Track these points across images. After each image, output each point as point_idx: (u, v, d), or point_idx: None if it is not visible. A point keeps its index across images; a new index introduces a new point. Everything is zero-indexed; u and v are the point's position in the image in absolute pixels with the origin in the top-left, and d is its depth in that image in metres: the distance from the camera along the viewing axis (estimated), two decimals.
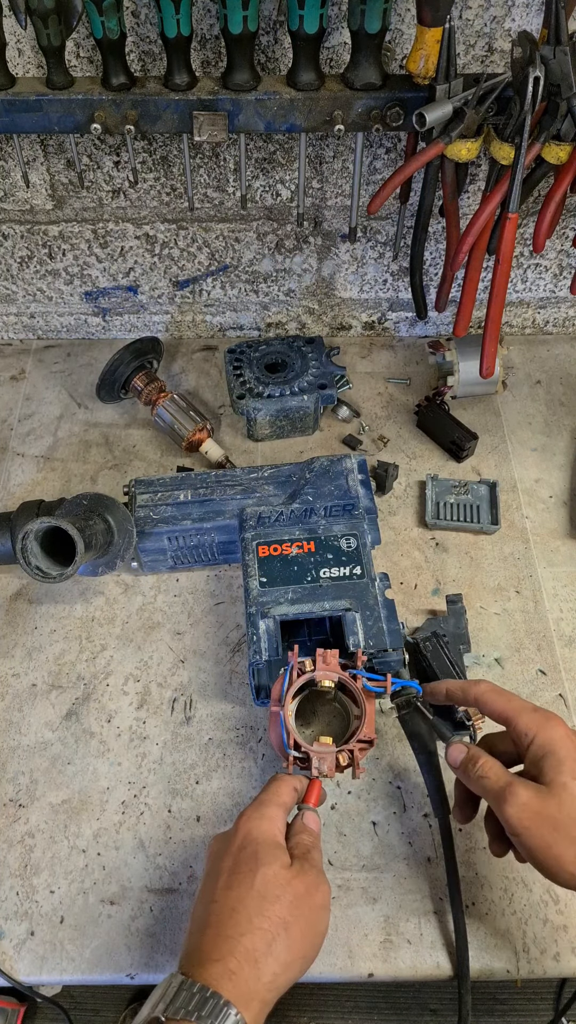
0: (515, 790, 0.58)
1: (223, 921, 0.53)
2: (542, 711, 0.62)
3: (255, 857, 0.56)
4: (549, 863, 0.56)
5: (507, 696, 0.64)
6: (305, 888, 0.56)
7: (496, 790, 0.59)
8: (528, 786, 0.58)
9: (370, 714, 0.68)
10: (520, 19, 0.83)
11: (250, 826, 0.59)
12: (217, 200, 1.00)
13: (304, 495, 0.87)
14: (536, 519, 0.97)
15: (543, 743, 0.59)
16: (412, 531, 0.96)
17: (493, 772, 0.60)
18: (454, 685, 0.68)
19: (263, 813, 0.59)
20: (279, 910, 0.54)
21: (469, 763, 0.62)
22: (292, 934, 0.54)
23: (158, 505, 0.88)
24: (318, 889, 0.57)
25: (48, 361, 1.16)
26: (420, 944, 0.69)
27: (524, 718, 0.61)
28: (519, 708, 0.62)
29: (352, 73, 0.81)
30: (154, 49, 0.86)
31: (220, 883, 0.56)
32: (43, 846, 0.74)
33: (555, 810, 0.56)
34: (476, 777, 0.61)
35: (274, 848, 0.57)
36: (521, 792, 0.57)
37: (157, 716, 0.82)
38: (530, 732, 0.60)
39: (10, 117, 0.83)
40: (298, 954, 0.54)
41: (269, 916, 0.53)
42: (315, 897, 0.56)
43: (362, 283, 1.10)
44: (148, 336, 1.04)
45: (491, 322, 0.89)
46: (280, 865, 0.56)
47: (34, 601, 0.91)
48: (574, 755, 0.58)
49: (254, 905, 0.54)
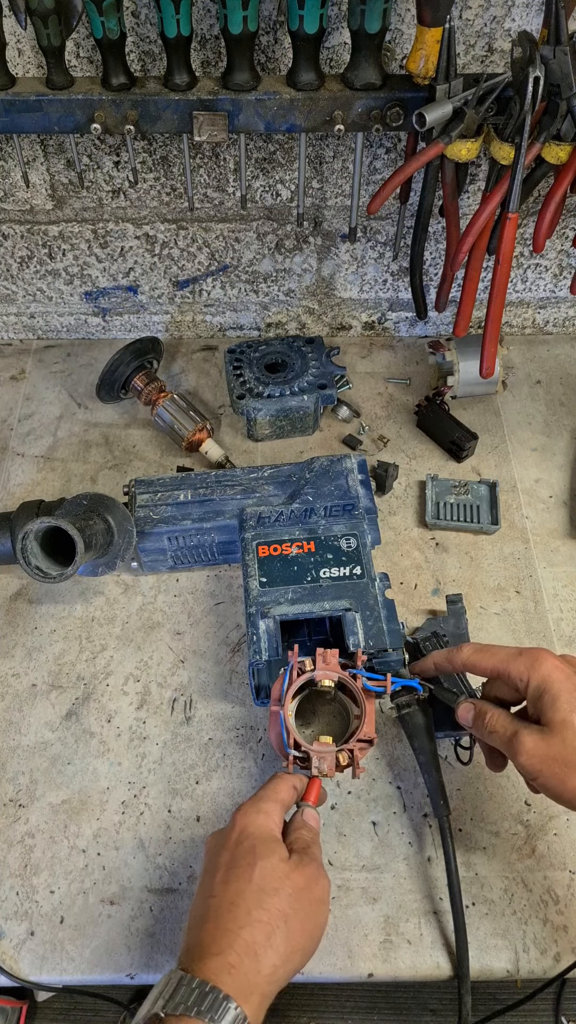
0: (521, 738, 0.59)
1: (222, 915, 0.53)
2: (528, 651, 0.62)
3: (252, 851, 0.56)
4: (569, 797, 0.58)
5: (491, 651, 0.65)
6: (304, 881, 0.56)
7: (504, 741, 0.61)
8: (532, 730, 0.59)
9: (370, 713, 0.68)
10: (520, 19, 0.83)
11: (247, 821, 0.58)
12: (217, 200, 1.00)
13: (304, 495, 0.87)
14: (536, 519, 0.97)
15: (537, 684, 0.60)
16: (412, 531, 0.96)
17: (500, 724, 0.62)
18: (439, 656, 0.69)
19: (260, 808, 0.59)
20: (278, 903, 0.54)
21: (478, 719, 0.64)
22: (291, 926, 0.54)
23: (158, 505, 0.88)
24: (317, 882, 0.57)
25: (48, 361, 1.16)
26: (420, 944, 0.69)
27: (513, 666, 0.62)
28: (505, 658, 0.63)
29: (352, 73, 0.81)
30: (154, 49, 0.86)
31: (218, 878, 0.56)
32: (43, 846, 0.74)
33: (560, 748, 0.57)
34: (487, 732, 0.63)
35: (271, 842, 0.57)
36: (526, 739, 0.59)
37: (157, 716, 0.82)
38: (523, 677, 0.61)
39: (10, 117, 0.83)
40: (297, 946, 0.54)
41: (268, 908, 0.53)
42: (314, 890, 0.56)
43: (362, 283, 1.10)
44: (148, 336, 1.04)
45: (491, 322, 0.89)
46: (278, 858, 0.56)
47: (34, 601, 0.91)
48: (567, 687, 0.59)
49: (253, 898, 0.54)
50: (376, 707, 0.76)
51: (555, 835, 0.74)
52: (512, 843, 0.74)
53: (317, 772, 0.65)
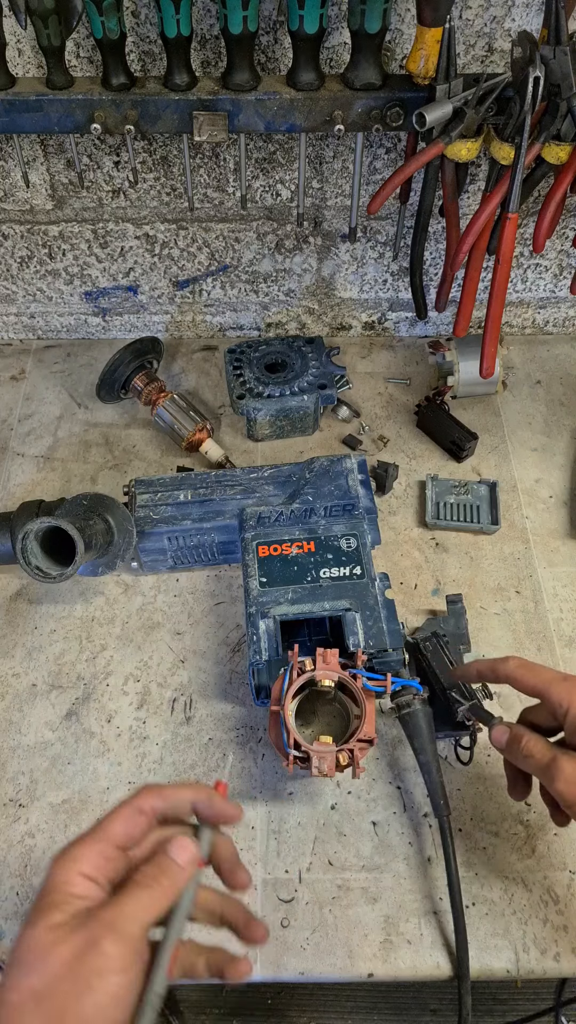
0: (560, 764, 0.58)
1: None
2: (573, 678, 0.61)
3: (34, 910, 0.43)
4: None
5: (536, 669, 0.63)
6: (71, 955, 0.41)
7: (542, 767, 0.59)
8: (572, 758, 0.58)
9: (370, 713, 0.68)
10: (520, 19, 0.83)
11: (53, 867, 0.45)
12: (217, 200, 1.00)
13: (304, 495, 0.87)
14: (536, 519, 0.97)
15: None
16: (412, 531, 0.96)
17: (537, 749, 0.60)
18: (483, 665, 0.67)
19: (68, 853, 0.45)
20: (32, 982, 0.41)
21: (513, 743, 0.62)
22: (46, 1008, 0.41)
23: (158, 505, 0.88)
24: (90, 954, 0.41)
25: (48, 361, 1.16)
26: (420, 944, 0.69)
27: (555, 689, 0.61)
28: (549, 680, 0.62)
29: (352, 73, 0.81)
30: (154, 49, 0.86)
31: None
32: (43, 846, 0.74)
33: None
34: (522, 757, 0.61)
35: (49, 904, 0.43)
36: (566, 765, 0.58)
37: (157, 716, 0.82)
38: (564, 703, 0.60)
39: (10, 117, 0.83)
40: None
41: (19, 988, 0.41)
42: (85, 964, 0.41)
43: (362, 283, 1.10)
44: (148, 336, 1.04)
45: (491, 322, 0.89)
46: (45, 927, 0.42)
47: (34, 601, 0.91)
48: None
49: (11, 973, 0.42)
50: (376, 707, 0.76)
51: (555, 835, 0.74)
52: (512, 843, 0.74)
53: (317, 772, 0.65)
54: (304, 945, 0.69)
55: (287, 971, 0.68)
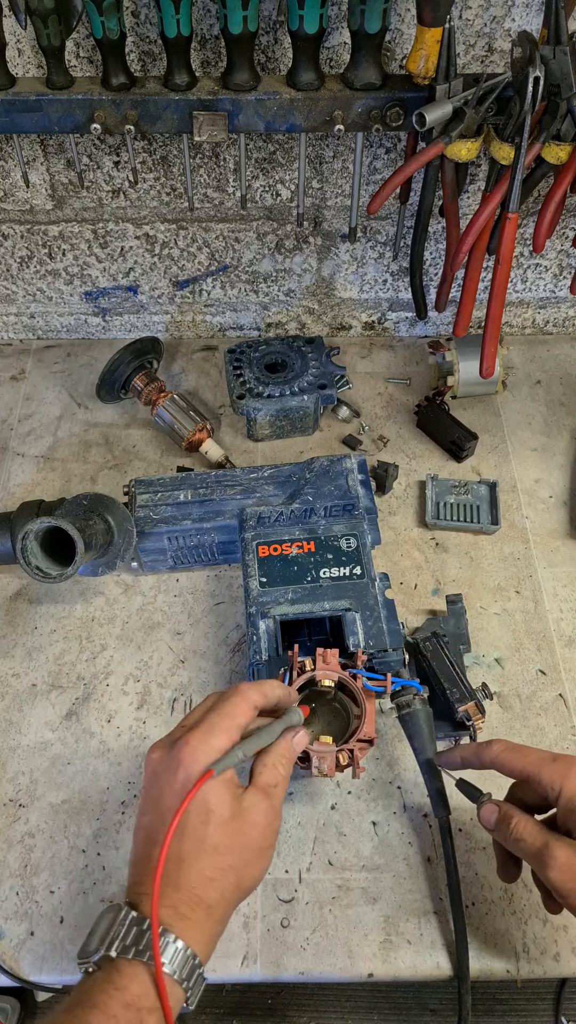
0: (553, 852, 0.55)
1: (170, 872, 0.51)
2: (562, 759, 0.59)
3: (204, 805, 0.52)
4: None
5: (522, 752, 0.61)
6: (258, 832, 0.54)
7: (533, 853, 0.57)
8: (565, 845, 0.56)
9: (370, 713, 0.68)
10: (520, 19, 0.83)
11: (193, 759, 0.53)
12: (217, 200, 1.00)
13: (304, 495, 0.87)
14: (536, 519, 0.97)
15: (571, 795, 0.57)
16: (412, 531, 0.96)
17: (528, 833, 0.58)
18: (468, 750, 0.66)
19: (210, 743, 0.54)
20: (230, 860, 0.52)
21: (503, 824, 0.60)
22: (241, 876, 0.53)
23: (158, 505, 0.88)
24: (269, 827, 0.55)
25: (48, 361, 1.16)
26: (420, 944, 0.69)
27: (546, 771, 0.59)
28: (538, 762, 0.60)
29: (352, 73, 0.81)
30: (154, 49, 0.86)
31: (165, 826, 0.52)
32: (43, 846, 0.74)
33: None
34: (512, 840, 0.59)
35: (222, 790, 0.53)
36: (559, 853, 0.55)
37: (157, 716, 0.82)
38: (555, 786, 0.58)
39: (10, 117, 0.83)
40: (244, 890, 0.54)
41: (220, 867, 0.52)
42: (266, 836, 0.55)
43: (362, 283, 1.10)
44: (148, 336, 1.04)
45: (491, 322, 0.89)
46: (230, 812, 0.53)
47: (34, 601, 0.91)
48: None
49: (207, 860, 0.52)
50: (376, 707, 0.76)
51: None
52: None
53: (317, 772, 0.65)
54: (304, 945, 0.69)
55: (287, 971, 0.68)
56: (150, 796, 0.55)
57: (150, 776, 0.56)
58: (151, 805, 0.55)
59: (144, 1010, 0.46)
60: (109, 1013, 0.45)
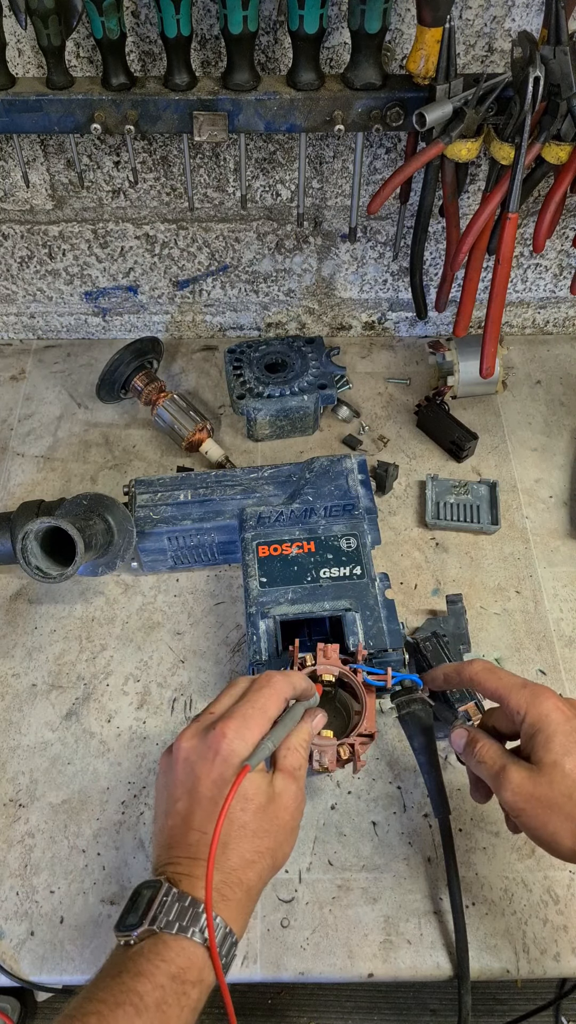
0: (508, 774, 0.58)
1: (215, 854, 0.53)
2: (532, 686, 0.61)
3: (244, 796, 0.55)
4: (547, 840, 0.57)
5: (498, 674, 0.64)
6: (288, 815, 0.57)
7: (492, 774, 0.60)
8: (520, 768, 0.58)
9: (371, 708, 0.68)
10: (520, 19, 0.83)
11: (231, 749, 0.56)
12: (217, 200, 1.00)
13: (304, 495, 0.87)
14: (536, 519, 0.97)
15: (533, 720, 0.59)
16: (412, 531, 0.96)
17: (489, 756, 0.61)
18: (449, 668, 0.68)
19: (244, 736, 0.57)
20: (267, 842, 0.55)
21: (469, 746, 0.63)
22: (276, 856, 0.56)
23: (158, 505, 0.88)
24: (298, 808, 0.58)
25: (48, 361, 1.16)
26: (420, 944, 0.69)
27: (514, 696, 0.61)
28: (509, 686, 0.62)
29: (352, 73, 0.81)
30: (154, 49, 0.86)
31: (201, 811, 0.55)
32: (43, 846, 0.74)
33: (546, 789, 0.56)
34: (476, 762, 0.62)
35: (258, 779, 0.56)
36: (514, 775, 0.58)
37: (157, 716, 0.82)
38: (521, 710, 0.60)
39: (10, 117, 0.83)
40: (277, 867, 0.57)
41: (259, 849, 0.55)
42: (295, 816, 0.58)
43: (362, 283, 1.10)
44: (148, 336, 1.04)
45: (491, 322, 0.89)
46: (265, 798, 0.56)
47: (34, 601, 0.91)
48: (564, 729, 0.58)
49: (247, 843, 0.55)
50: (376, 707, 0.76)
51: None
52: (512, 843, 0.74)
53: (318, 766, 0.65)
54: (304, 945, 0.69)
55: (287, 971, 0.68)
56: (184, 783, 0.57)
57: (183, 763, 0.57)
58: (185, 791, 0.56)
59: (188, 983, 0.49)
60: (156, 983, 0.48)
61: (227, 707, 0.60)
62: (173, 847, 0.55)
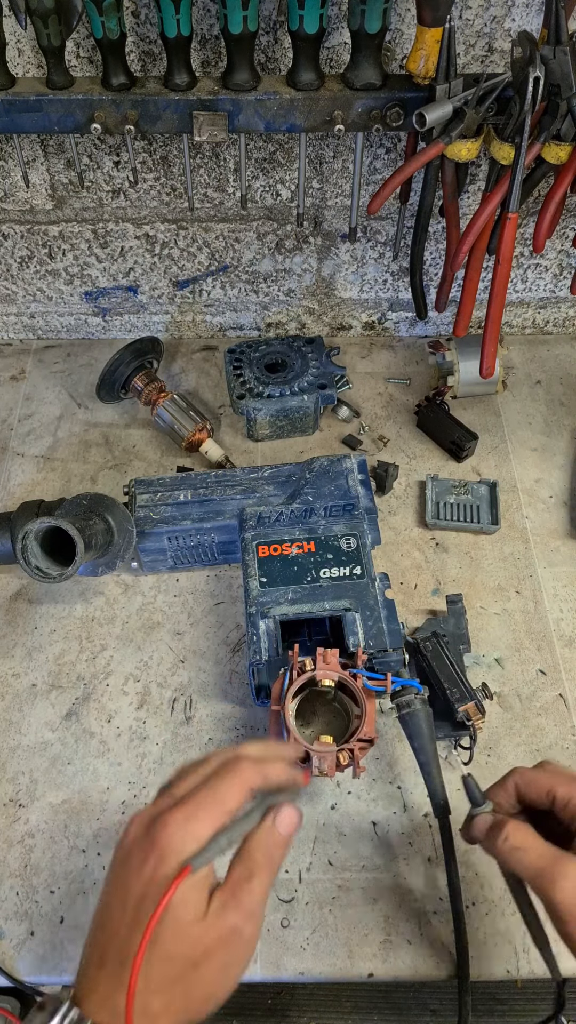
0: (566, 869, 0.49)
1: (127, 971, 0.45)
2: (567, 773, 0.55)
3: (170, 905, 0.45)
4: None
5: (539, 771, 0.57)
6: (222, 943, 0.46)
7: (537, 869, 0.50)
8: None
9: (370, 713, 0.68)
10: (520, 19, 0.83)
11: (168, 842, 0.46)
12: (217, 200, 1.00)
13: (304, 495, 0.87)
14: (536, 519, 0.97)
15: None
16: (412, 531, 0.96)
17: (531, 845, 0.51)
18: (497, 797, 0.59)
19: (188, 829, 0.47)
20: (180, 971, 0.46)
21: (495, 829, 0.53)
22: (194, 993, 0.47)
23: (158, 505, 0.88)
24: (238, 939, 0.47)
25: (48, 361, 1.16)
26: (420, 944, 0.69)
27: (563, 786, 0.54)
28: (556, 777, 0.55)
29: (352, 73, 0.81)
30: (154, 49, 0.86)
31: (127, 916, 0.46)
32: (43, 846, 0.74)
33: None
34: (509, 849, 0.52)
35: (191, 890, 0.46)
36: (572, 871, 0.49)
37: (157, 716, 0.82)
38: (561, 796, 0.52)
39: (10, 117, 0.83)
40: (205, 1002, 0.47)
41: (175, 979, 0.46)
42: (231, 950, 0.47)
43: (362, 283, 1.10)
44: (148, 336, 1.04)
45: (491, 322, 0.89)
46: (194, 917, 0.46)
47: (34, 601, 0.91)
48: None
49: (164, 969, 0.45)
50: (376, 707, 0.76)
51: None
52: None
53: (318, 772, 0.65)
54: (304, 945, 0.69)
55: (287, 971, 0.68)
56: (118, 877, 0.48)
57: (123, 854, 0.49)
58: (115, 887, 0.48)
59: None
60: None
61: (187, 790, 0.49)
62: (89, 947, 0.48)
